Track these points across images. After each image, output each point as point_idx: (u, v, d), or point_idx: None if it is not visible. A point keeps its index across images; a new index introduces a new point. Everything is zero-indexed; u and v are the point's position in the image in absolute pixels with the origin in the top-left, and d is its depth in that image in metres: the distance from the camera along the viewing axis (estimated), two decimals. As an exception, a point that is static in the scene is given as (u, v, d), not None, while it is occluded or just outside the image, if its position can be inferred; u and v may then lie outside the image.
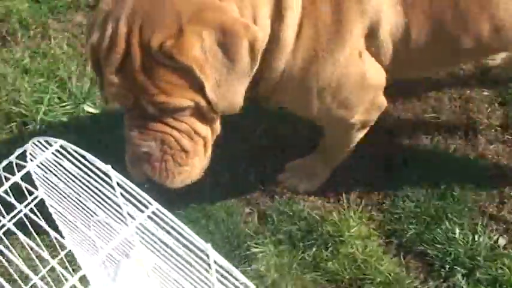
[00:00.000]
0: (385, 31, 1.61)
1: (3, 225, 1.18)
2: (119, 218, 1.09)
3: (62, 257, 1.40)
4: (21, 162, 1.10)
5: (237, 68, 1.44)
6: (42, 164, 1.13)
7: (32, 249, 1.05)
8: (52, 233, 1.03)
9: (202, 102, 1.48)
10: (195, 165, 1.58)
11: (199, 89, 1.45)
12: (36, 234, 1.37)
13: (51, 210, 1.36)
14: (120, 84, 1.45)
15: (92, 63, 1.54)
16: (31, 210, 1.25)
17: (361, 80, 1.67)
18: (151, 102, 1.45)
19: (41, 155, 1.10)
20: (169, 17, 1.41)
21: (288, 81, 1.62)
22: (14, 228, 1.12)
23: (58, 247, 1.40)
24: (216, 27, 1.41)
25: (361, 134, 1.92)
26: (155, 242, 1.07)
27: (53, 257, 1.37)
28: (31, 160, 1.13)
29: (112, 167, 1.01)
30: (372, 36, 1.61)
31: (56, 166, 1.11)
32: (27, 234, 1.25)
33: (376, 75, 1.70)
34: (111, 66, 1.44)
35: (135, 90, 1.45)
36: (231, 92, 1.48)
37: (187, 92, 1.45)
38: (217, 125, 1.58)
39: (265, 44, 1.50)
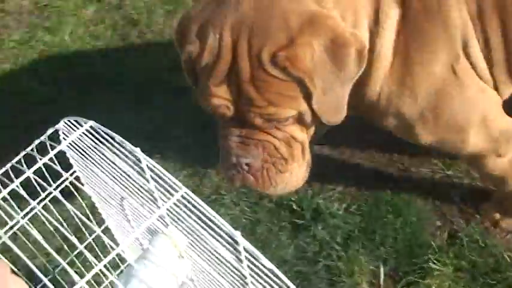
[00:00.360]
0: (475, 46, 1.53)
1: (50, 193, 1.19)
2: (149, 201, 1.08)
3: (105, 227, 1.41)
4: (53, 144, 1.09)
5: (342, 76, 1.43)
6: (76, 144, 1.13)
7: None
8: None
9: (307, 111, 1.47)
10: (295, 171, 1.57)
11: (306, 98, 1.44)
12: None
13: (85, 188, 1.37)
14: (224, 96, 1.43)
15: (187, 73, 1.51)
16: (66, 187, 1.26)
17: (463, 97, 1.56)
18: (258, 113, 1.44)
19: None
20: (279, 27, 1.38)
21: (386, 100, 1.57)
22: (60, 196, 1.13)
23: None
24: (326, 36, 1.39)
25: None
26: (184, 229, 1.05)
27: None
28: (64, 139, 1.13)
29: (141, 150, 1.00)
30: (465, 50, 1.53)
31: (88, 147, 1.10)
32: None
33: (481, 92, 1.58)
34: (215, 78, 1.42)
35: (241, 101, 1.43)
36: (335, 101, 1.47)
37: (295, 102, 1.44)
38: (313, 129, 1.57)
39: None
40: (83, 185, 1.32)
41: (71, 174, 1.27)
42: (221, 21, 1.40)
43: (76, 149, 1.14)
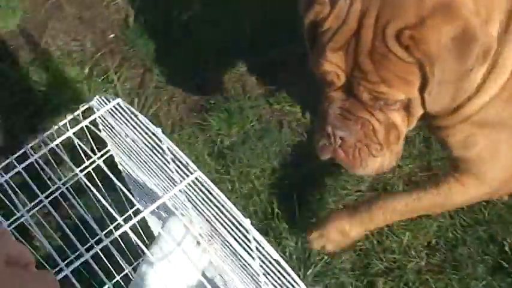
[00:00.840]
0: None
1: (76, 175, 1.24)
2: (169, 180, 1.10)
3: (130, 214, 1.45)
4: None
5: (462, 71, 1.36)
6: (107, 122, 1.17)
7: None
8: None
9: (417, 100, 1.41)
10: (386, 156, 1.53)
11: (421, 86, 1.38)
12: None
13: (120, 167, 1.40)
14: (338, 64, 1.40)
15: (307, 34, 1.46)
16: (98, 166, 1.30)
17: None
18: (368, 89, 1.39)
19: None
20: (412, 4, 1.32)
21: (482, 117, 1.49)
22: (85, 180, 1.18)
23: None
24: (458, 25, 1.32)
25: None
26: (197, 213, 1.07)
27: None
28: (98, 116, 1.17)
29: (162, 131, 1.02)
30: None
31: (118, 125, 1.13)
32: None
33: None
34: (335, 43, 1.37)
35: (353, 72, 1.39)
36: (448, 93, 1.40)
37: (408, 86, 1.38)
38: (415, 120, 1.51)
39: None
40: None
41: (105, 153, 1.32)
42: None
43: (106, 126, 1.17)
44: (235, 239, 1.04)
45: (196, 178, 0.99)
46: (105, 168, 1.16)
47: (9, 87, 2.40)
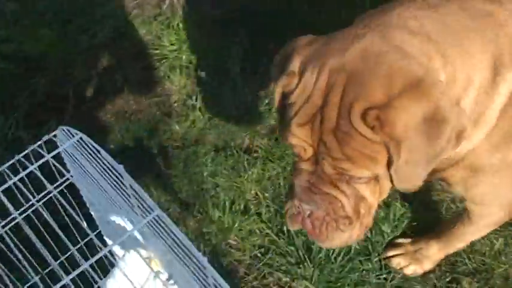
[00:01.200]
0: None
1: (33, 205, 1.25)
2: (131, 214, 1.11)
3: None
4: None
5: (431, 152, 1.33)
6: (70, 154, 1.18)
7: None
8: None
9: (385, 176, 1.39)
10: (355, 231, 1.51)
11: (387, 163, 1.35)
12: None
13: (82, 193, 1.41)
14: (304, 138, 1.38)
15: (277, 104, 1.46)
16: (62, 191, 1.31)
17: None
18: (332, 165, 1.37)
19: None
20: (380, 83, 1.28)
21: (475, 163, 1.49)
22: (41, 209, 1.19)
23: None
24: (427, 107, 1.28)
25: None
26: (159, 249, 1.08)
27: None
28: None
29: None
30: None
31: (80, 156, 1.15)
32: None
33: None
34: (300, 118, 1.35)
35: (319, 148, 1.37)
36: (415, 173, 1.37)
37: (373, 164, 1.35)
38: (387, 192, 1.48)
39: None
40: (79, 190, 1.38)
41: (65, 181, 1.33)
42: (323, 62, 1.33)
43: (70, 157, 1.19)
44: (194, 275, 1.06)
45: (156, 216, 1.00)
46: (62, 200, 1.17)
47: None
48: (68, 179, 1.30)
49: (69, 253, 1.38)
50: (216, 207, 2.12)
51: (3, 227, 1.19)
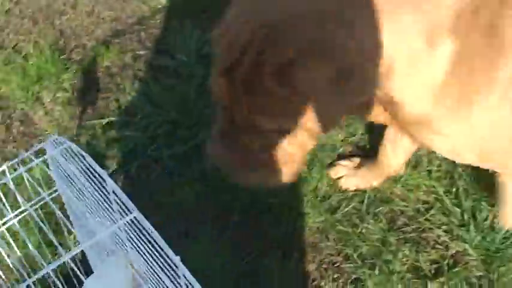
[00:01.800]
0: None
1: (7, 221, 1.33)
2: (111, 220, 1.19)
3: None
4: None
5: (342, 98, 1.41)
6: (57, 163, 1.26)
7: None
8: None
9: (297, 127, 1.46)
10: (274, 173, 1.58)
11: (298, 115, 1.42)
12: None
13: (66, 205, 1.49)
14: (221, 88, 1.44)
15: (213, 49, 1.51)
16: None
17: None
18: (244, 116, 1.44)
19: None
20: (290, 42, 1.35)
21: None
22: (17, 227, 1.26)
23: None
24: (333, 62, 1.36)
25: None
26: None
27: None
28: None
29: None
30: None
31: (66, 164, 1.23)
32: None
33: None
34: (220, 67, 1.43)
35: (232, 99, 1.44)
36: (331, 117, 1.47)
37: (282, 117, 1.43)
38: (308, 141, 1.53)
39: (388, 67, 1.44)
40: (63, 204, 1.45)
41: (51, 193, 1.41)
42: (247, 18, 1.40)
43: (58, 168, 1.27)
44: (167, 276, 1.13)
45: (134, 217, 1.08)
46: (52, 205, 1.25)
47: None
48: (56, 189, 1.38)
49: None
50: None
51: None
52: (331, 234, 2.14)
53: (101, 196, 1.18)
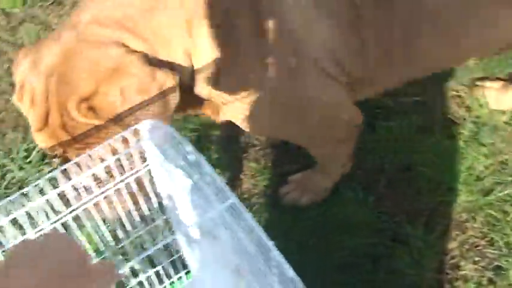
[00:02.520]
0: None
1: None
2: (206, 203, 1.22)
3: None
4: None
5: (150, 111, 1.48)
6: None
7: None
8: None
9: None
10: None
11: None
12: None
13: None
14: (45, 141, 1.53)
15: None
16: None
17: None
18: (76, 154, 1.51)
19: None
20: (85, 76, 1.45)
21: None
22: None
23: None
24: (131, 84, 1.45)
25: (346, 148, 1.97)
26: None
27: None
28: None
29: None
30: None
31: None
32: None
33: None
34: (35, 125, 1.52)
35: (59, 144, 1.53)
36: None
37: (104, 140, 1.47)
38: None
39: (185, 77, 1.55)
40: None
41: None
42: (37, 69, 1.49)
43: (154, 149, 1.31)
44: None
45: (231, 204, 1.11)
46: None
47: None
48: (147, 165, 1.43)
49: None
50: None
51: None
52: (478, 216, 2.08)
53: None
